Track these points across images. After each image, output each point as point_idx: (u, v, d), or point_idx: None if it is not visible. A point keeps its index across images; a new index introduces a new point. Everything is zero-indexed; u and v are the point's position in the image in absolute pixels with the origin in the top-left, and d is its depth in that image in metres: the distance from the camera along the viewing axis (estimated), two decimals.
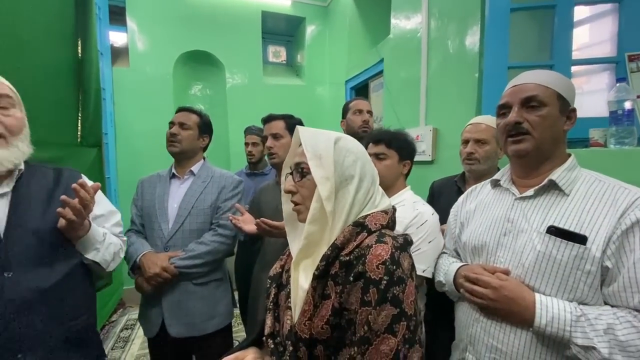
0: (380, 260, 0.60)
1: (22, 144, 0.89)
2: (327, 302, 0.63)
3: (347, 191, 0.68)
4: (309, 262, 0.69)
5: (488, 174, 1.32)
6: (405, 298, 0.59)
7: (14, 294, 0.81)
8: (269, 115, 1.49)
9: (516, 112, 0.79)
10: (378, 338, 0.57)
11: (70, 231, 0.91)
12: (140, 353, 2.41)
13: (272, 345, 0.69)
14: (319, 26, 3.82)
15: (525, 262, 0.76)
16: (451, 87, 1.95)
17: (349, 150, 0.71)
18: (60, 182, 0.97)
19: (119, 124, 3.02)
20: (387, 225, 0.69)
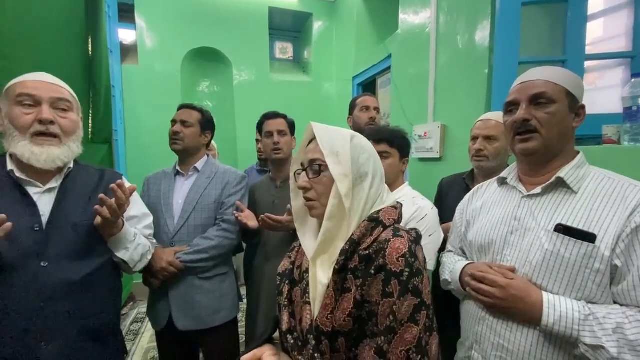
0: (400, 253, 0.62)
1: (73, 145, 0.95)
2: (348, 296, 0.64)
3: (362, 188, 0.70)
4: (325, 258, 0.70)
5: (497, 171, 1.30)
6: (424, 288, 0.62)
7: (46, 283, 0.85)
8: (273, 112, 1.53)
9: (524, 109, 0.78)
10: (402, 327, 0.60)
11: (104, 229, 0.95)
12: (150, 346, 2.46)
13: (292, 340, 0.71)
14: (326, 22, 3.80)
15: (532, 261, 0.75)
16: (460, 83, 1.92)
17: (363, 147, 0.73)
18: (102, 182, 1.02)
19: (128, 120, 3.06)
20: (397, 221, 0.71)
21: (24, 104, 0.88)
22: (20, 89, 0.88)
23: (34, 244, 0.85)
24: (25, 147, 0.87)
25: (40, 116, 0.88)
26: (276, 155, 1.47)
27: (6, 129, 0.89)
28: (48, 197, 0.91)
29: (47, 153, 0.89)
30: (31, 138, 0.88)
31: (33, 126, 0.88)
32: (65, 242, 0.90)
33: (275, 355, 0.72)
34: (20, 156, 0.87)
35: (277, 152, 1.46)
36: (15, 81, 0.90)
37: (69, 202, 0.93)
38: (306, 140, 0.77)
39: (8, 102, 0.89)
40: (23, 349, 0.82)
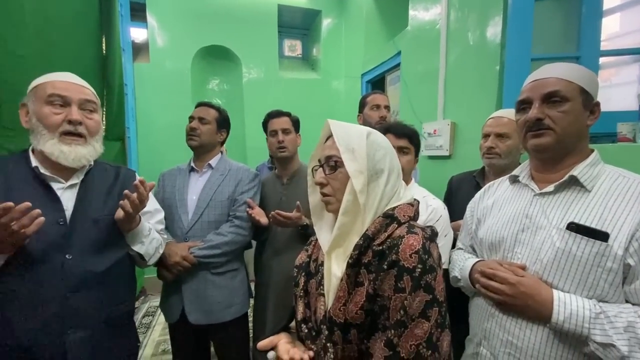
0: (413, 250, 0.63)
1: (97, 144, 0.99)
2: (361, 289, 0.66)
3: (378, 184, 0.71)
4: (340, 251, 0.72)
5: (509, 169, 1.29)
6: (436, 285, 0.63)
7: (71, 275, 0.89)
8: (277, 111, 1.56)
9: (537, 107, 0.77)
10: (413, 322, 0.61)
11: (124, 223, 0.99)
12: (161, 339, 2.52)
13: (306, 330, 0.73)
14: (335, 19, 3.79)
15: (543, 259, 0.75)
16: (470, 80, 1.90)
17: (379, 144, 0.73)
18: (118, 178, 1.07)
19: (139, 118, 3.11)
20: (413, 217, 0.72)
21: (55, 104, 0.91)
22: (51, 89, 0.91)
23: (59, 237, 0.89)
24: (54, 146, 0.90)
25: (70, 117, 0.92)
26: (281, 153, 1.50)
27: (34, 126, 0.91)
28: (70, 192, 0.95)
29: (75, 152, 0.92)
30: (60, 137, 0.91)
31: (62, 126, 0.91)
32: (88, 235, 0.94)
33: (291, 342, 0.75)
34: (49, 154, 0.90)
35: (282, 150, 1.49)
36: (43, 80, 0.93)
37: (90, 197, 0.97)
38: (324, 137, 0.78)
39: (36, 100, 0.91)
40: (52, 336, 0.86)
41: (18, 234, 0.76)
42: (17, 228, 0.75)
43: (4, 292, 0.83)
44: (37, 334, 0.84)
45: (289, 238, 1.44)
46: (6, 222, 0.73)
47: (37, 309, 0.85)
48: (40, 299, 0.85)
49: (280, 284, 1.44)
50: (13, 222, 0.74)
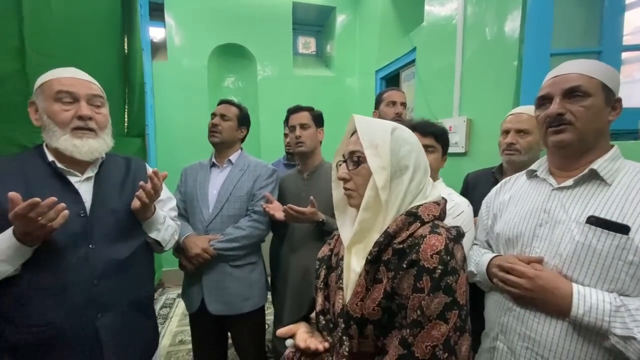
0: (434, 250, 0.62)
1: (107, 137, 1.02)
2: (379, 286, 0.66)
3: (401, 181, 0.70)
4: (360, 247, 0.72)
5: (529, 165, 1.28)
6: (457, 288, 0.62)
7: (96, 263, 0.94)
8: (296, 107, 1.56)
9: (558, 103, 0.77)
10: (430, 323, 0.60)
11: (141, 212, 1.04)
12: (178, 330, 2.60)
13: (324, 321, 0.75)
14: (350, 15, 3.79)
15: (563, 253, 0.75)
16: (487, 76, 1.88)
17: (405, 140, 0.72)
18: (130, 169, 1.10)
19: (158, 115, 3.19)
20: (439, 217, 0.71)
21: (64, 100, 0.93)
22: (59, 86, 0.92)
23: (81, 228, 0.93)
24: (67, 141, 0.92)
25: (80, 112, 0.93)
26: (299, 148, 1.50)
27: (45, 123, 0.93)
28: (87, 185, 0.98)
29: (88, 145, 0.95)
30: (71, 132, 0.93)
31: (73, 122, 0.93)
32: (107, 226, 0.98)
33: (309, 332, 0.77)
34: (63, 150, 0.92)
35: (300, 145, 1.49)
36: (49, 77, 0.94)
37: (106, 189, 1.01)
38: (349, 132, 0.78)
39: (45, 98, 0.92)
40: (84, 320, 0.92)
41: (45, 228, 0.79)
42: (45, 222, 0.78)
43: (35, 281, 0.87)
44: (70, 319, 0.89)
45: (306, 234, 1.45)
46: (34, 217, 0.76)
47: (67, 296, 0.89)
48: (69, 286, 0.90)
49: (297, 279, 1.46)
50: (39, 216, 0.77)
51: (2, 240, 0.81)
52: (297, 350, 0.74)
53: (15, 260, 0.83)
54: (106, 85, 1.07)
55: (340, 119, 3.04)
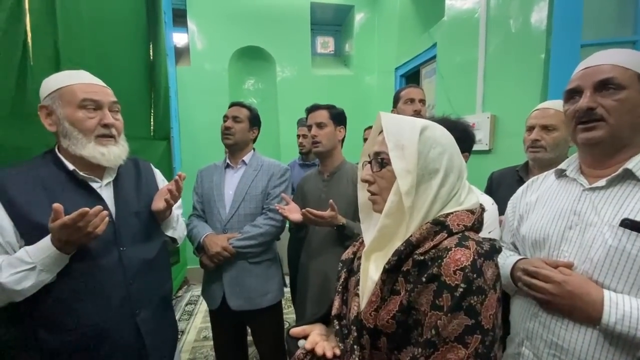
0: (458, 266, 0.56)
1: (124, 143, 1.05)
2: (396, 298, 0.62)
3: (430, 186, 0.64)
4: (380, 255, 0.67)
5: (555, 163, 1.21)
6: (483, 310, 0.55)
7: (129, 264, 0.99)
8: (313, 105, 1.53)
9: (588, 96, 0.72)
10: (446, 345, 0.55)
11: (162, 213, 1.08)
12: (203, 326, 2.68)
13: (338, 326, 0.71)
14: (368, 13, 3.75)
15: (594, 257, 0.71)
16: (512, 71, 1.81)
17: (436, 140, 0.65)
18: (140, 171, 1.14)
19: (182, 118, 3.30)
20: (471, 227, 0.63)
21: (88, 108, 0.93)
22: (83, 94, 0.92)
23: (111, 233, 0.95)
24: (94, 149, 0.93)
25: (105, 120, 0.95)
26: (315, 148, 1.47)
27: (67, 130, 0.91)
28: (107, 190, 1.00)
29: (112, 152, 0.96)
30: (95, 139, 0.94)
31: (97, 129, 0.94)
32: (132, 228, 1.02)
33: (324, 335, 0.74)
34: (89, 157, 0.92)
35: (315, 145, 1.46)
36: (66, 83, 0.92)
37: (124, 193, 1.04)
38: (376, 130, 0.73)
39: (66, 104, 0.91)
40: (125, 317, 0.98)
41: (90, 235, 0.82)
42: (92, 229, 0.81)
43: (74, 286, 0.89)
44: (112, 319, 0.94)
45: (325, 237, 1.42)
46: (83, 226, 0.79)
47: (106, 297, 0.94)
48: (107, 289, 0.94)
49: (317, 283, 1.44)
50: (87, 224, 0.80)
51: (41, 250, 0.82)
52: (307, 352, 0.70)
53: (54, 269, 0.84)
54: (133, 90, 1.12)
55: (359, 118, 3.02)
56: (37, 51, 1.18)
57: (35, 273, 0.81)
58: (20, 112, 1.12)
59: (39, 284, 0.83)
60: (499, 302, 0.58)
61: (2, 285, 0.80)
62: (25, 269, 0.81)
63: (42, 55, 1.20)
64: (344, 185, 1.43)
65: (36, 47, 1.17)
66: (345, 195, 1.40)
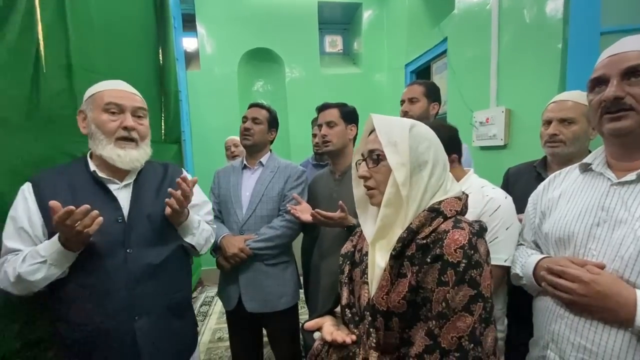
0: (458, 245, 0.63)
1: (146, 147, 1.07)
2: (404, 280, 0.68)
3: (421, 177, 0.71)
4: (384, 243, 0.74)
5: (576, 157, 1.15)
6: (482, 281, 0.63)
7: (133, 267, 0.98)
8: (323, 104, 1.52)
9: (615, 85, 0.68)
10: (455, 315, 0.62)
11: (173, 217, 1.06)
12: (217, 327, 2.70)
13: (350, 314, 0.77)
14: (376, 10, 3.71)
15: (624, 255, 0.67)
16: (527, 62, 1.75)
17: (423, 136, 0.74)
18: (167, 175, 1.14)
19: (193, 121, 3.34)
20: (460, 212, 0.71)
21: (111, 111, 0.98)
22: (108, 98, 0.98)
23: (119, 234, 0.97)
24: (112, 151, 0.97)
25: (125, 124, 0.98)
26: (325, 147, 1.45)
27: (93, 132, 0.98)
28: (125, 192, 1.03)
29: (129, 155, 0.99)
30: (115, 142, 0.98)
31: (118, 132, 0.98)
32: (144, 231, 1.02)
33: (335, 325, 0.79)
34: (107, 158, 0.97)
35: (326, 144, 1.44)
36: (99, 89, 1.00)
37: (143, 195, 1.04)
38: (367, 131, 0.80)
39: (94, 108, 0.98)
40: (123, 322, 0.96)
41: (82, 234, 0.83)
42: (81, 228, 0.82)
43: (81, 283, 0.93)
44: (110, 321, 0.94)
45: (336, 238, 1.40)
46: (71, 224, 0.81)
47: (108, 299, 0.94)
48: (109, 289, 0.94)
49: (329, 283, 1.42)
50: (77, 223, 0.82)
51: (51, 245, 0.88)
52: (324, 342, 0.76)
53: (62, 264, 0.89)
54: (143, 95, 1.12)
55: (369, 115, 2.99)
56: (50, 59, 1.19)
57: (46, 267, 0.87)
58: (34, 119, 1.14)
59: (50, 277, 0.89)
60: (490, 273, 0.67)
61: (20, 274, 0.86)
62: (39, 262, 0.87)
63: (54, 62, 1.22)
64: None
65: (48, 55, 1.19)
66: None
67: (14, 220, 0.92)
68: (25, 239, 0.92)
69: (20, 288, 0.89)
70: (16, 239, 0.91)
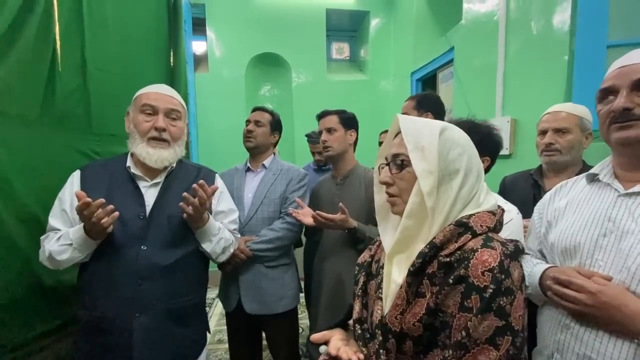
0: (486, 267, 0.56)
1: (178, 148, 1.11)
2: (422, 301, 0.61)
3: (450, 187, 0.64)
4: (403, 257, 0.67)
5: (571, 166, 1.24)
6: (513, 311, 0.55)
7: (142, 264, 1.00)
8: (322, 112, 1.56)
9: (625, 96, 0.69)
10: (477, 347, 0.55)
11: (191, 222, 1.07)
12: (217, 329, 2.68)
13: (360, 330, 0.70)
14: (384, 18, 3.75)
15: (631, 267, 0.67)
16: (534, 73, 1.77)
17: (455, 141, 0.66)
18: (198, 179, 1.10)
19: (200, 123, 3.37)
20: (493, 228, 0.64)
21: (146, 112, 1.05)
22: (145, 100, 1.05)
23: (139, 229, 1.01)
24: (143, 149, 1.03)
25: (156, 124, 1.04)
26: (326, 152, 1.49)
27: (131, 131, 1.07)
28: (153, 190, 1.07)
29: (158, 154, 1.04)
30: (147, 141, 1.04)
31: (150, 132, 1.04)
32: (162, 230, 1.03)
33: (344, 340, 0.73)
34: (138, 155, 1.04)
35: (326, 149, 1.48)
36: (142, 92, 1.08)
37: (169, 196, 1.07)
38: (392, 133, 0.73)
39: (134, 109, 1.07)
40: (124, 316, 0.98)
41: (98, 224, 0.89)
42: (95, 220, 0.88)
43: (93, 272, 0.99)
44: (114, 313, 0.97)
45: (337, 241, 1.42)
46: (88, 215, 0.87)
47: (115, 290, 0.97)
48: (118, 282, 0.98)
49: (331, 286, 1.43)
50: (91, 215, 0.87)
51: (77, 230, 0.94)
52: (330, 358, 0.69)
53: (84, 250, 0.96)
54: None
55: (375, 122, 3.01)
56: (65, 58, 1.22)
57: (71, 249, 0.94)
58: (48, 116, 1.16)
59: (73, 259, 0.96)
60: (525, 303, 0.58)
61: (51, 253, 0.94)
62: (67, 244, 0.94)
63: (69, 62, 1.25)
64: (357, 188, 1.43)
65: (64, 54, 1.22)
66: (358, 198, 1.40)
67: (60, 202, 1.01)
68: (66, 220, 1.00)
69: (51, 264, 0.97)
70: (59, 218, 1.00)
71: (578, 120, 1.22)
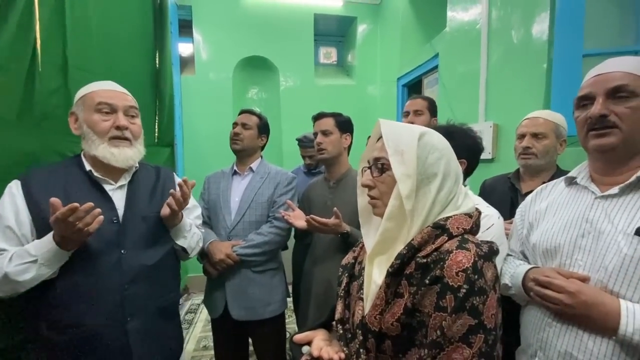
0: (460, 268, 0.58)
1: (140, 146, 1.07)
2: (400, 301, 0.63)
3: (429, 190, 0.66)
4: (383, 259, 0.69)
5: (545, 170, 1.30)
6: (485, 310, 0.57)
7: (127, 268, 0.97)
8: (319, 113, 1.55)
9: (600, 103, 0.72)
10: (451, 345, 0.56)
11: (170, 219, 1.06)
12: (202, 335, 2.63)
13: (341, 330, 0.72)
14: (370, 25, 3.81)
15: (608, 266, 0.70)
16: (514, 80, 1.83)
17: (434, 146, 0.68)
18: (160, 178, 1.14)
19: (185, 126, 3.32)
20: (470, 230, 0.66)
21: (103, 111, 0.98)
22: (99, 98, 0.98)
23: (114, 234, 0.96)
24: (105, 150, 0.97)
25: (117, 123, 0.98)
26: (320, 155, 1.49)
27: (85, 132, 0.98)
28: (120, 193, 1.02)
29: (123, 154, 0.99)
30: (109, 141, 0.98)
31: (110, 131, 0.98)
32: (138, 232, 1.01)
33: (327, 340, 0.74)
34: (101, 157, 0.97)
35: (321, 152, 1.47)
36: (89, 90, 1.00)
37: (137, 197, 1.04)
38: (374, 137, 0.75)
39: (85, 109, 0.98)
40: (115, 323, 0.95)
41: (82, 232, 0.82)
42: (82, 226, 0.81)
43: (71, 284, 0.90)
44: (101, 322, 0.93)
45: (329, 245, 1.41)
46: (73, 221, 0.80)
47: (100, 299, 0.93)
48: (102, 290, 0.93)
49: (320, 291, 1.43)
50: (77, 221, 0.81)
51: (43, 244, 0.85)
52: (312, 358, 0.70)
53: (54, 264, 0.87)
54: (139, 97, 1.12)
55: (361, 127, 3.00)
56: (46, 58, 1.18)
57: (36, 266, 0.84)
58: (27, 117, 1.12)
59: (39, 277, 0.86)
60: (498, 302, 0.60)
61: (7, 274, 0.83)
62: (28, 261, 0.84)
63: (50, 62, 1.21)
64: (350, 192, 1.42)
65: (45, 54, 1.18)
66: (351, 202, 1.38)
67: (1, 219, 0.89)
68: (11, 238, 0.89)
69: (5, 289, 0.86)
70: (1, 238, 0.88)
71: (554, 126, 1.28)
